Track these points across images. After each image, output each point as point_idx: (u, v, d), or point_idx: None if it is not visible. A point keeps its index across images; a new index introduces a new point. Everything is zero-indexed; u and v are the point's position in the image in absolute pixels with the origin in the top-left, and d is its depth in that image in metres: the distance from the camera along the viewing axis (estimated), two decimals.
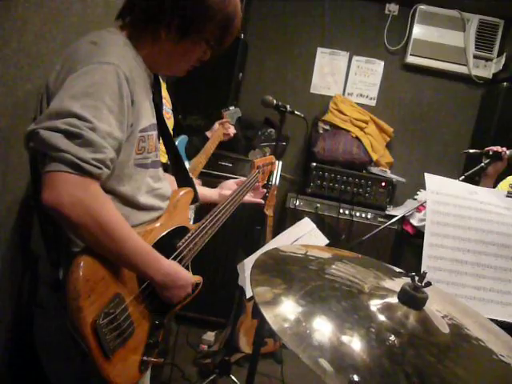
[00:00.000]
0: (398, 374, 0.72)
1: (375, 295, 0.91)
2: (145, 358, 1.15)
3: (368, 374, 0.69)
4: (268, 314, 0.78)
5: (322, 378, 0.66)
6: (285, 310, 0.83)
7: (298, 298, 0.87)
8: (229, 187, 1.78)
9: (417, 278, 0.87)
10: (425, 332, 0.84)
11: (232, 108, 2.78)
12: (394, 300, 0.89)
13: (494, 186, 2.01)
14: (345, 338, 0.77)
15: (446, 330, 0.88)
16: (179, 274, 1.20)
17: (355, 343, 0.76)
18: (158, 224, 1.24)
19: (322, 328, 0.79)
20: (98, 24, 1.68)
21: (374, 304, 0.88)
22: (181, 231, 1.33)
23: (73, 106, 0.94)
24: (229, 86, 3.29)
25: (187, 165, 2.39)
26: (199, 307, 1.44)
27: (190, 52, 1.22)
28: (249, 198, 1.84)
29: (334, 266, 1.06)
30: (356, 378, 0.60)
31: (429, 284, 0.86)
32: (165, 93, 1.96)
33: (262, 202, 1.89)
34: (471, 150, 2.21)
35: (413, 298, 0.86)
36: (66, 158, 0.91)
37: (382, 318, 0.84)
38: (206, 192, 1.74)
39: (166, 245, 1.23)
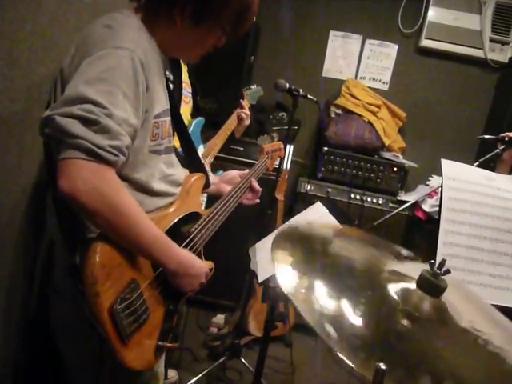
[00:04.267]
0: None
1: (392, 278, 0.91)
2: (160, 343, 1.16)
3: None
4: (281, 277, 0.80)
5: (326, 341, 0.68)
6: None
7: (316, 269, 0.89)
8: (229, 181, 1.67)
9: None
10: (439, 320, 0.84)
11: (254, 87, 2.63)
12: (412, 285, 0.88)
13: (511, 172, 1.98)
14: (355, 312, 0.78)
15: (461, 321, 0.87)
16: (192, 263, 1.20)
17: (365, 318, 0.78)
18: (171, 209, 1.24)
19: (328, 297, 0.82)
20: (111, 6, 1.66)
21: (391, 286, 0.88)
22: (193, 217, 1.33)
23: (88, 91, 0.93)
24: (240, 69, 3.25)
25: (202, 148, 2.37)
26: (209, 290, 1.45)
27: (205, 38, 1.19)
28: (244, 201, 1.68)
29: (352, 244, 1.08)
30: (383, 366, 0.60)
31: (448, 271, 0.86)
32: (185, 76, 1.93)
33: (258, 201, 1.72)
34: (486, 136, 2.18)
35: (432, 285, 0.85)
36: (82, 144, 0.91)
37: (397, 299, 0.84)
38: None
39: (179, 230, 1.23)
